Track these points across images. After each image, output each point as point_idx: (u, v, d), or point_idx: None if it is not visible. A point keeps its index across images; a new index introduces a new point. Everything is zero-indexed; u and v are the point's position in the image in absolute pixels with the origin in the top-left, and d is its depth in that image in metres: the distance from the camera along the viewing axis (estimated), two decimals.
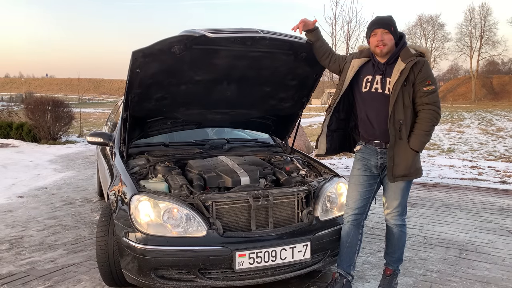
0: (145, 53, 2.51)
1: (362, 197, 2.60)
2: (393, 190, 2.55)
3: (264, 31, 2.57)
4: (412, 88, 2.39)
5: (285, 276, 2.54)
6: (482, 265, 3.22)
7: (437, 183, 6.46)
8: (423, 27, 55.12)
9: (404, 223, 2.63)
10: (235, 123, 3.68)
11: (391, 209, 2.59)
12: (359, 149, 2.64)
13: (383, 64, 2.46)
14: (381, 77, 2.46)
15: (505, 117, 21.19)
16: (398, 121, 2.40)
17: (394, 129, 2.41)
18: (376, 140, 2.54)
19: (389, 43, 2.40)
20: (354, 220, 2.61)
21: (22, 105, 17.39)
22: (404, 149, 2.42)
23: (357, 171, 2.63)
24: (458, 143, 11.88)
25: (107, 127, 5.18)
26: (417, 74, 2.36)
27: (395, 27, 2.44)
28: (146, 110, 3.08)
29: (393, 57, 2.43)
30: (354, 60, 2.57)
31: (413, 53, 2.40)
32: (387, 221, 2.65)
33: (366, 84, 2.51)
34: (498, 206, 4.99)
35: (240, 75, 2.95)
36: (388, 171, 2.47)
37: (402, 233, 2.62)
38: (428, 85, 2.37)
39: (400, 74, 2.36)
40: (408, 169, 2.44)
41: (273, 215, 2.60)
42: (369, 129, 2.56)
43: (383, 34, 2.39)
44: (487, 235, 3.94)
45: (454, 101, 46.73)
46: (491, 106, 31.93)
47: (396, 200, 2.57)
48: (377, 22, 2.44)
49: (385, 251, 2.74)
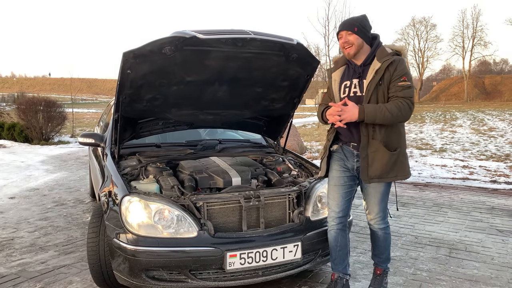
0: (136, 54, 2.52)
1: (344, 199, 2.57)
2: (373, 194, 2.52)
3: (255, 32, 2.58)
4: (387, 88, 2.36)
5: (276, 276, 2.55)
6: (471, 264, 3.25)
7: (429, 183, 6.52)
8: (416, 27, 55.51)
9: (387, 225, 2.62)
10: (227, 124, 3.69)
11: (374, 215, 2.57)
12: (336, 149, 2.59)
13: (359, 66, 2.44)
14: (359, 80, 2.44)
15: (497, 117, 21.39)
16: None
17: (367, 130, 2.38)
18: (353, 143, 2.50)
19: (355, 43, 2.38)
20: (339, 223, 2.59)
21: (13, 105, 17.23)
22: (377, 149, 2.38)
23: (336, 172, 2.58)
24: (450, 142, 11.98)
25: (100, 127, 5.16)
26: (393, 72, 2.33)
27: (361, 27, 2.40)
28: (137, 111, 3.07)
29: (369, 58, 2.42)
30: (334, 74, 2.57)
31: (389, 52, 2.38)
32: (370, 225, 2.63)
33: (344, 90, 2.49)
34: (488, 206, 5.05)
35: (231, 76, 2.95)
36: (363, 172, 2.41)
37: (386, 234, 2.61)
38: (403, 80, 2.33)
39: (375, 73, 2.35)
40: (383, 170, 2.38)
41: (264, 216, 2.61)
42: (347, 133, 2.51)
43: (347, 36, 2.39)
44: (477, 234, 3.98)
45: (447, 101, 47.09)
46: (483, 106, 32.22)
47: (377, 205, 2.54)
48: (341, 25, 2.45)
49: (372, 252, 2.73)
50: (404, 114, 2.32)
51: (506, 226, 4.23)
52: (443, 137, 13.54)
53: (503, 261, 3.29)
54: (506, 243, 3.72)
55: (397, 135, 2.45)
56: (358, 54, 2.42)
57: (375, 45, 2.43)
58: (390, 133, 2.41)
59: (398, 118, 2.33)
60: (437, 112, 27.26)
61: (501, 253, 3.48)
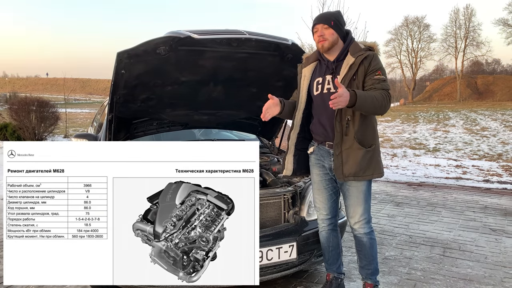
0: (130, 54, 2.50)
1: (329, 201, 2.53)
2: (355, 194, 2.40)
3: (249, 32, 2.58)
4: (361, 82, 2.30)
5: (271, 276, 2.55)
6: (465, 263, 3.27)
7: (423, 182, 6.56)
8: (409, 27, 55.72)
9: (372, 229, 2.47)
10: (222, 124, 3.68)
11: (358, 217, 2.42)
12: (312, 151, 2.52)
13: (332, 62, 2.39)
14: (332, 76, 2.37)
15: (489, 116, 21.56)
16: (345, 118, 2.30)
17: (340, 126, 2.31)
18: (329, 142, 2.42)
19: (330, 37, 2.33)
20: (330, 224, 2.56)
21: (6, 105, 17.09)
22: (351, 146, 2.31)
23: (317, 176, 2.52)
24: (444, 142, 12.06)
25: (93, 127, 5.12)
26: (367, 67, 2.28)
27: (337, 21, 2.36)
28: (131, 111, 3.06)
29: (342, 53, 2.36)
30: (304, 69, 2.50)
31: (362, 47, 2.33)
32: (355, 231, 2.47)
33: (317, 86, 2.42)
34: (481, 205, 5.09)
35: (226, 76, 2.95)
36: (337, 170, 2.34)
37: (372, 240, 2.45)
38: (378, 75, 2.28)
39: (349, 68, 2.30)
40: (358, 167, 2.31)
41: (259, 216, 2.60)
42: (322, 132, 2.44)
43: (323, 29, 2.34)
44: (470, 233, 4.01)
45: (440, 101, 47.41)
46: (475, 106, 32.47)
47: (360, 206, 2.40)
48: (317, 18, 2.40)
49: (359, 265, 2.54)
50: (386, 104, 2.25)
51: (499, 225, 4.26)
52: (436, 136, 13.63)
53: (497, 260, 3.32)
54: (499, 242, 3.75)
55: (372, 131, 2.39)
56: (332, 49, 2.37)
57: (348, 40, 2.39)
58: (365, 129, 2.35)
59: (381, 108, 2.25)
60: (430, 112, 27.42)
61: (495, 252, 3.51)
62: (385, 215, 4.67)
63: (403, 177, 6.99)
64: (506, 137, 12.96)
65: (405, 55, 56.96)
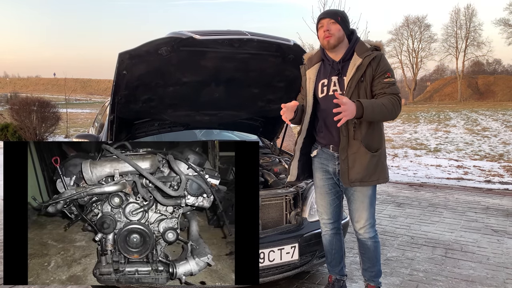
0: (132, 55, 2.49)
1: (332, 205, 2.47)
2: (361, 199, 2.34)
3: (251, 32, 2.57)
4: (369, 85, 2.22)
5: (273, 277, 2.54)
6: (467, 264, 3.27)
7: (424, 183, 6.55)
8: (410, 27, 55.67)
9: (376, 232, 2.43)
10: (223, 125, 3.67)
11: (363, 222, 2.37)
12: (316, 154, 2.45)
13: (338, 62, 2.29)
14: (338, 77, 2.28)
15: (490, 116, 21.52)
16: (352, 121, 2.20)
17: (347, 129, 2.24)
18: (333, 145, 2.34)
19: (336, 33, 2.23)
20: (333, 228, 2.52)
21: (7, 105, 17.10)
22: (358, 151, 2.23)
23: (320, 181, 2.46)
24: (445, 142, 12.05)
25: (94, 128, 5.11)
26: (376, 68, 2.20)
27: (343, 18, 2.28)
28: (133, 112, 3.05)
29: (348, 53, 2.27)
30: (308, 71, 2.42)
31: (369, 47, 2.25)
32: (359, 235, 2.42)
33: (322, 89, 2.33)
34: (483, 206, 5.07)
35: (228, 77, 2.94)
36: (343, 175, 2.27)
37: (376, 243, 2.42)
38: (388, 77, 2.20)
39: (357, 69, 2.20)
40: (365, 172, 2.24)
41: (261, 217, 2.60)
42: (326, 134, 2.36)
43: (330, 24, 2.24)
44: (472, 234, 4.00)
45: (441, 101, 47.36)
46: (476, 106, 32.41)
47: (365, 211, 2.35)
48: (323, 13, 2.31)
49: (362, 267, 2.52)
50: (396, 110, 2.18)
51: (501, 226, 4.25)
52: (437, 137, 13.62)
53: (499, 261, 3.31)
54: (501, 243, 3.74)
55: (379, 134, 2.32)
56: (337, 48, 2.27)
57: (353, 39, 2.30)
58: (372, 132, 2.27)
59: (391, 115, 2.18)
60: (431, 112, 27.38)
61: (497, 253, 3.50)
62: (386, 215, 4.66)
63: (405, 178, 6.98)
64: (507, 137, 12.95)
65: (406, 55, 56.99)
